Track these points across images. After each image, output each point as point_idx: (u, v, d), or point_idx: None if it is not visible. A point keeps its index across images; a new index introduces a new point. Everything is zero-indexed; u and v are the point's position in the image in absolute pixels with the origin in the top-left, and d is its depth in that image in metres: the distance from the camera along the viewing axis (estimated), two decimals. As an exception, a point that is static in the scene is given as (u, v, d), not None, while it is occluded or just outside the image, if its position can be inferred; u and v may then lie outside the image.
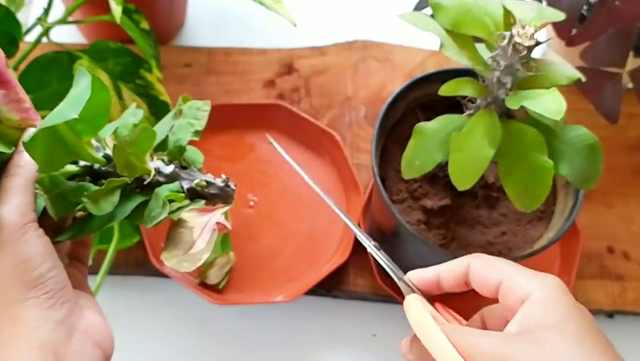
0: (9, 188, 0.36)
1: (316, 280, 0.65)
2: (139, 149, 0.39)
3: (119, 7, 0.58)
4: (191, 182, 0.42)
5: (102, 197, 0.39)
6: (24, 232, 0.35)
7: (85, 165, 0.40)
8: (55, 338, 0.35)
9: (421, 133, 0.50)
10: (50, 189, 0.38)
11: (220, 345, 0.67)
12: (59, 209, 0.39)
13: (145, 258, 0.66)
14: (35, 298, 0.35)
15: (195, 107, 0.44)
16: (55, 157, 0.37)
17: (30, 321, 0.35)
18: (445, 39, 0.49)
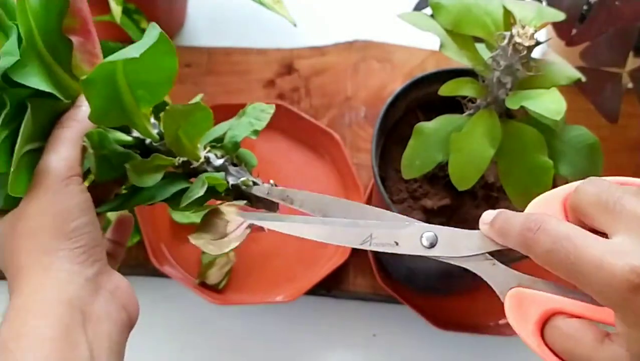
0: (61, 138, 0.37)
1: (316, 280, 0.65)
2: (192, 128, 0.40)
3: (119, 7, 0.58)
4: (238, 179, 0.41)
5: (145, 170, 0.39)
6: (68, 183, 0.36)
7: (137, 137, 0.41)
8: (83, 295, 0.35)
9: (421, 133, 0.50)
10: (97, 147, 0.38)
11: (220, 344, 0.67)
12: (102, 171, 0.39)
13: (145, 258, 0.66)
14: (68, 250, 0.35)
15: (259, 109, 0.45)
16: (109, 109, 0.37)
17: (61, 274, 0.35)
18: (445, 39, 0.49)
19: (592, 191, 0.31)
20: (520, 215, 0.33)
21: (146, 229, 0.67)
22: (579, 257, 0.29)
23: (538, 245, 0.31)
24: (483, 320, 0.67)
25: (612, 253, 0.28)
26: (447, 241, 0.36)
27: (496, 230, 0.34)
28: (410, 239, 0.36)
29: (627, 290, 0.28)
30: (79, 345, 0.33)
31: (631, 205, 0.29)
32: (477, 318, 0.67)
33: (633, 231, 0.29)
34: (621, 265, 0.28)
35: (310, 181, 0.72)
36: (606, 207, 0.30)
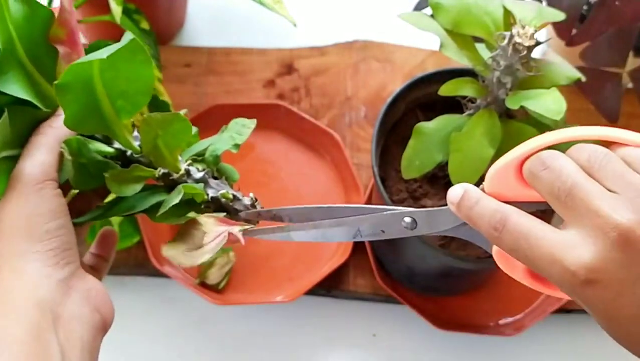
0: (36, 144, 0.37)
1: (316, 280, 0.65)
2: (172, 139, 0.40)
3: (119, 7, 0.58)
4: (217, 192, 0.42)
5: (125, 180, 0.39)
6: (41, 187, 0.36)
7: (119, 149, 0.41)
8: (54, 297, 0.35)
9: (421, 133, 0.50)
10: (76, 154, 0.38)
11: (220, 344, 0.67)
12: (80, 180, 0.39)
13: (145, 258, 0.66)
14: (40, 252, 0.35)
15: (240, 124, 0.46)
16: (86, 116, 0.37)
17: (32, 276, 0.35)
18: (445, 39, 0.49)
19: (545, 179, 0.32)
20: (485, 206, 0.34)
21: (146, 229, 0.67)
22: (535, 255, 0.31)
23: (503, 244, 0.33)
24: (483, 320, 0.67)
25: (563, 249, 0.30)
26: (425, 220, 0.38)
27: (464, 216, 0.35)
28: (393, 225, 0.39)
29: (577, 283, 0.30)
30: (49, 346, 0.33)
31: (581, 198, 0.31)
32: (477, 318, 0.67)
33: (582, 225, 0.30)
34: (570, 260, 0.30)
35: (310, 181, 0.72)
36: (558, 199, 0.32)
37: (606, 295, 0.30)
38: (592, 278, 0.29)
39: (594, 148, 0.33)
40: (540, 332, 0.68)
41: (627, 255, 0.29)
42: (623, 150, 0.32)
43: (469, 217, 0.35)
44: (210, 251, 0.39)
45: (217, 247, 0.40)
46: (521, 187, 0.34)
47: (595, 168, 0.32)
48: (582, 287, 0.30)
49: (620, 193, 0.30)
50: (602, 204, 0.30)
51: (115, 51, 0.35)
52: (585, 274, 0.29)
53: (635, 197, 0.30)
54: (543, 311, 0.65)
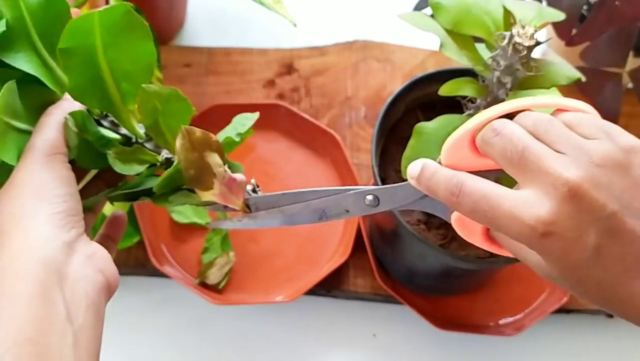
0: (46, 123, 0.39)
1: (316, 280, 0.65)
2: (172, 120, 0.41)
3: (119, 7, 0.58)
4: None
5: (128, 160, 0.41)
6: (51, 158, 0.38)
7: (125, 135, 0.42)
8: (59, 257, 0.36)
9: (421, 133, 0.50)
10: (81, 128, 0.40)
11: (220, 345, 0.67)
12: (86, 157, 0.40)
13: (145, 258, 0.66)
14: (47, 214, 0.37)
15: (244, 117, 0.47)
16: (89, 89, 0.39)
17: (39, 236, 0.36)
18: (445, 39, 0.49)
19: (497, 145, 0.35)
20: (442, 175, 0.37)
21: (146, 229, 0.67)
22: (495, 214, 0.34)
23: (462, 207, 0.36)
24: (483, 320, 0.67)
25: (520, 206, 0.33)
26: (386, 197, 0.40)
27: (424, 188, 0.38)
28: (356, 204, 0.41)
29: (535, 236, 0.33)
30: (55, 303, 0.35)
31: (532, 159, 0.34)
32: (477, 318, 0.67)
33: (536, 184, 0.33)
34: (528, 216, 0.33)
35: (310, 181, 0.72)
36: (511, 162, 0.35)
37: (561, 244, 0.33)
38: (549, 231, 0.32)
39: (537, 115, 0.36)
40: (540, 332, 0.68)
41: (576, 207, 0.32)
42: (564, 115, 0.36)
43: (428, 188, 0.37)
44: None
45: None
46: (475, 158, 0.37)
47: (541, 132, 0.35)
48: (540, 239, 0.33)
49: (566, 153, 0.34)
50: (552, 163, 0.33)
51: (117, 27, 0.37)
52: (542, 228, 0.32)
53: (579, 156, 0.33)
54: (543, 312, 0.65)
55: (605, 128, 0.35)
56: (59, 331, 0.34)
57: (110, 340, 0.68)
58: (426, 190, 0.38)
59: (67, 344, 0.34)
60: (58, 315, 0.34)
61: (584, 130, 0.35)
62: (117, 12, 0.37)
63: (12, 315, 0.33)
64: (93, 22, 0.37)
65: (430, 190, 0.37)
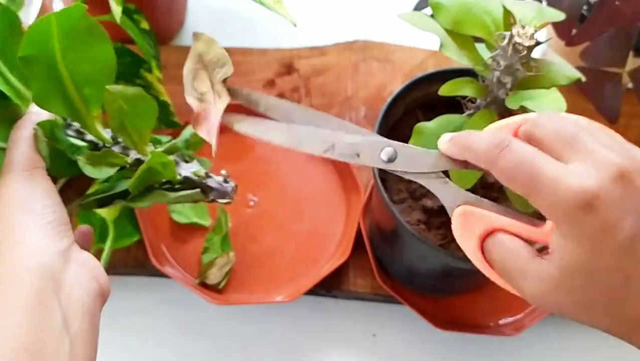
0: (18, 138, 0.40)
1: (316, 280, 0.65)
2: (139, 121, 0.41)
3: (119, 7, 0.58)
4: (189, 171, 0.43)
5: (98, 164, 0.41)
6: (31, 173, 0.39)
7: (91, 141, 0.42)
8: (55, 265, 0.36)
9: (421, 133, 0.50)
10: (50, 137, 0.40)
11: (220, 345, 0.67)
12: (57, 166, 0.40)
13: (145, 258, 0.66)
14: (39, 225, 0.37)
15: None
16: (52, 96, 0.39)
17: (33, 246, 0.36)
18: (445, 39, 0.49)
19: (551, 125, 0.35)
20: (485, 133, 0.36)
21: (146, 229, 0.67)
22: (538, 174, 0.33)
23: (504, 161, 0.34)
24: (483, 320, 0.67)
25: (568, 175, 0.33)
26: (405, 157, 0.38)
27: (458, 143, 0.37)
28: (371, 152, 0.38)
29: (577, 206, 0.32)
30: (51, 311, 0.35)
31: (586, 140, 0.34)
32: (477, 318, 0.67)
33: (586, 161, 0.33)
34: (575, 184, 0.32)
35: (310, 181, 0.72)
36: (564, 140, 0.34)
37: (602, 222, 0.32)
38: (592, 204, 0.32)
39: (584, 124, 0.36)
40: (540, 332, 0.68)
41: (624, 190, 0.32)
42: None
43: (464, 142, 0.36)
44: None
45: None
46: None
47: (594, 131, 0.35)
48: (581, 210, 0.32)
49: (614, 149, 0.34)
50: (604, 149, 0.34)
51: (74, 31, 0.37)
52: (587, 198, 0.32)
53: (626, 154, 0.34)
54: (543, 312, 0.65)
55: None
56: (55, 339, 0.34)
57: (111, 340, 0.68)
58: (461, 145, 0.36)
59: (64, 352, 0.35)
60: (54, 323, 0.35)
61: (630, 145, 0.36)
62: (74, 14, 0.37)
63: (8, 324, 0.34)
64: (50, 27, 0.36)
65: (467, 145, 0.36)
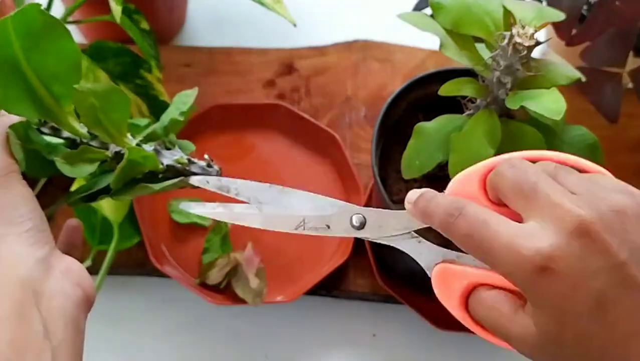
0: None
1: (316, 280, 0.65)
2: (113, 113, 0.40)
3: (119, 7, 0.58)
4: (171, 159, 0.42)
5: (76, 162, 0.40)
6: (5, 179, 0.37)
7: (68, 137, 0.41)
8: (34, 274, 0.36)
9: (421, 133, 0.50)
10: (24, 139, 0.39)
11: (220, 345, 0.67)
12: (34, 166, 0.40)
13: (145, 258, 0.66)
14: (16, 234, 0.36)
15: (184, 95, 0.46)
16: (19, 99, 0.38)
17: (10, 257, 0.35)
18: (445, 39, 0.49)
19: (510, 175, 0.33)
20: (443, 199, 0.35)
21: (146, 229, 0.67)
22: (491, 241, 0.31)
23: (457, 229, 0.33)
24: (483, 320, 0.66)
25: (521, 237, 0.30)
26: (375, 222, 0.37)
27: (419, 210, 0.35)
28: (341, 222, 0.38)
29: (532, 271, 0.29)
30: (31, 322, 0.34)
31: (544, 192, 0.31)
32: (477, 318, 0.67)
33: (543, 216, 0.31)
34: (527, 247, 0.30)
35: (310, 181, 0.72)
36: (521, 193, 0.32)
37: (562, 287, 0.29)
38: (549, 266, 0.29)
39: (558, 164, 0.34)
40: (540, 332, 0.67)
41: (585, 247, 0.29)
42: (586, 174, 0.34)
43: (425, 210, 0.35)
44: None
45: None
46: (482, 199, 0.35)
47: (561, 176, 0.33)
48: (537, 275, 0.29)
49: (582, 195, 0.31)
50: (564, 199, 0.31)
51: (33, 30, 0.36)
52: (542, 261, 0.29)
53: (595, 199, 0.30)
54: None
55: (627, 187, 0.32)
56: (37, 350, 0.34)
57: (110, 340, 0.68)
58: (422, 212, 0.35)
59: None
60: (35, 334, 0.34)
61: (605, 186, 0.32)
62: (30, 13, 0.36)
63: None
64: (7, 29, 0.36)
65: (426, 212, 0.35)
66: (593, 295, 0.29)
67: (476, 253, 0.32)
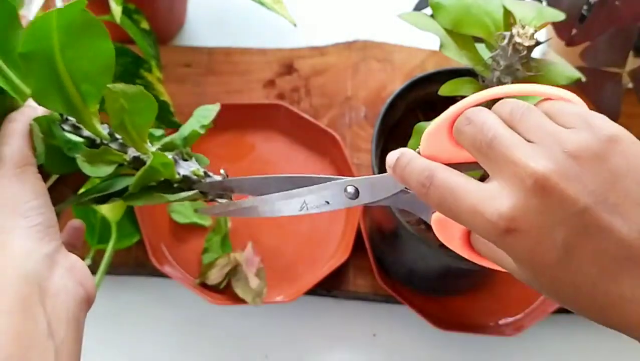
0: (11, 131, 0.38)
1: (316, 280, 0.65)
2: (138, 118, 0.40)
3: (119, 7, 0.58)
4: (188, 170, 0.42)
5: (97, 161, 0.40)
6: (23, 170, 0.37)
7: (88, 137, 0.41)
8: (41, 270, 0.35)
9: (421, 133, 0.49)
10: (47, 133, 0.39)
11: (220, 345, 0.67)
12: (53, 162, 0.40)
13: (145, 258, 0.66)
14: (25, 228, 0.36)
15: (205, 109, 0.46)
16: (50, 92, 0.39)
17: (19, 251, 0.35)
18: (445, 39, 0.49)
19: (468, 132, 0.33)
20: (416, 164, 0.35)
21: (146, 229, 0.67)
22: (459, 207, 0.32)
23: (430, 199, 0.34)
24: (483, 320, 0.67)
25: (483, 201, 0.31)
26: (367, 189, 0.39)
27: (398, 176, 0.36)
28: (337, 196, 0.39)
29: (499, 233, 0.31)
30: (36, 318, 0.34)
31: (499, 150, 0.32)
32: (477, 318, 0.67)
33: (502, 175, 0.31)
34: (490, 211, 0.31)
35: (310, 181, 0.72)
36: (479, 151, 0.33)
37: (527, 243, 0.30)
38: (512, 227, 0.30)
39: (515, 102, 0.33)
40: (540, 332, 0.68)
41: (543, 201, 0.30)
42: (545, 104, 0.34)
43: (402, 177, 0.36)
44: None
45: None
46: (454, 149, 0.35)
47: (517, 120, 0.33)
48: (503, 236, 0.31)
49: (538, 143, 0.31)
50: (519, 153, 0.31)
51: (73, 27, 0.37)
52: (504, 224, 0.30)
53: (551, 145, 0.31)
54: (543, 311, 0.65)
55: (587, 117, 0.32)
56: (41, 348, 0.34)
57: (110, 340, 0.68)
58: (401, 179, 0.36)
59: (48, 359, 0.34)
60: (39, 331, 0.34)
61: (564, 119, 0.32)
62: (74, 10, 0.36)
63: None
64: (51, 23, 0.36)
65: (404, 180, 0.36)
66: (558, 246, 0.30)
67: (451, 218, 0.34)
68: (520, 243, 0.30)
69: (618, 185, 0.30)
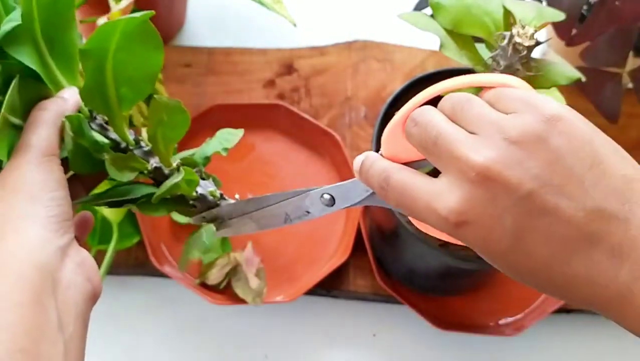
0: (40, 119, 0.38)
1: (316, 280, 0.65)
2: (170, 131, 0.41)
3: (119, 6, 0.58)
4: (205, 189, 0.43)
5: (121, 166, 0.41)
6: (48, 159, 0.37)
7: (114, 139, 0.42)
8: (54, 262, 0.35)
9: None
10: (77, 131, 0.39)
11: (220, 345, 0.67)
12: (79, 161, 0.40)
13: (145, 258, 0.66)
14: (43, 217, 0.36)
15: (228, 132, 0.48)
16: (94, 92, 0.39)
17: (34, 239, 0.35)
18: (445, 39, 0.49)
19: (415, 134, 0.35)
20: (374, 168, 0.36)
21: (146, 229, 0.67)
22: (414, 207, 0.33)
23: (389, 201, 0.35)
24: (483, 320, 0.67)
25: (435, 197, 0.32)
26: (341, 195, 0.40)
27: (363, 181, 0.37)
28: (315, 205, 0.41)
29: (452, 228, 0.32)
30: (48, 310, 0.34)
31: (444, 147, 0.32)
32: (477, 318, 0.67)
33: (449, 170, 0.32)
34: (441, 207, 0.32)
35: (309, 181, 0.72)
36: (427, 150, 0.34)
37: (479, 233, 0.31)
38: (462, 220, 0.31)
39: (457, 96, 0.34)
40: (540, 332, 0.68)
41: (488, 191, 0.31)
42: (488, 93, 0.34)
43: (366, 181, 0.37)
44: None
45: None
46: (412, 147, 0.36)
47: (458, 114, 0.33)
48: (456, 230, 0.32)
49: (480, 133, 0.32)
50: (462, 147, 0.32)
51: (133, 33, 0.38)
52: (455, 218, 0.31)
53: (492, 134, 0.31)
54: (543, 311, 0.65)
55: (529, 99, 0.32)
56: (51, 341, 0.33)
57: (111, 339, 0.68)
58: (365, 183, 0.37)
59: (58, 354, 0.33)
60: (50, 324, 0.34)
61: (506, 105, 0.32)
62: (139, 19, 0.38)
63: (5, 324, 0.32)
64: (117, 28, 0.37)
65: (368, 184, 0.37)
66: (508, 233, 0.31)
67: (410, 216, 0.35)
68: (473, 234, 0.31)
69: (560, 165, 0.30)
